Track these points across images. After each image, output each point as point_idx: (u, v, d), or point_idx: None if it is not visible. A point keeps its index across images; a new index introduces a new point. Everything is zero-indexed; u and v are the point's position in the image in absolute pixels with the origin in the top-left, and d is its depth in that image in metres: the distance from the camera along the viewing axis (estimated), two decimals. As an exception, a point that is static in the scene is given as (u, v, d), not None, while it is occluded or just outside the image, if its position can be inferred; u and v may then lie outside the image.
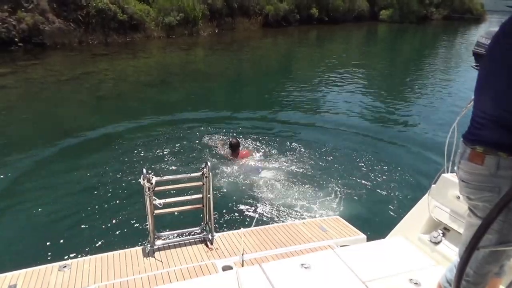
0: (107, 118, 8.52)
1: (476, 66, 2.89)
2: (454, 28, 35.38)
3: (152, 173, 3.23)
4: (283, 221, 4.52)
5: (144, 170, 3.16)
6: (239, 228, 3.75)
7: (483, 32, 2.83)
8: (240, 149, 6.60)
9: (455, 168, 1.94)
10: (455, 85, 13.70)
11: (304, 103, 10.45)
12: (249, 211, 4.99)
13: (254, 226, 3.83)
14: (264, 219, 4.80)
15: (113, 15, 18.65)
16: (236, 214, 4.93)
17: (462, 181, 1.88)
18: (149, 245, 3.39)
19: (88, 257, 3.27)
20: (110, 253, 3.33)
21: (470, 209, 1.91)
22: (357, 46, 24.42)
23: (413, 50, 23.96)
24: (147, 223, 3.40)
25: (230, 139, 6.68)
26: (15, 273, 3.00)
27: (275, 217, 4.85)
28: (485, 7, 48.27)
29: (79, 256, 3.27)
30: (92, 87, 11.38)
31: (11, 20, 15.82)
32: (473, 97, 2.91)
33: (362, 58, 19.59)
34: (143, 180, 3.15)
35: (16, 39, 15.83)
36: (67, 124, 8.12)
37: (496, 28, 2.82)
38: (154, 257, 3.31)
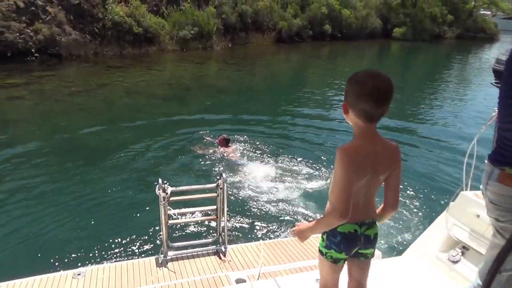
0: (121, 130, 8.60)
1: (496, 83, 2.89)
2: (467, 47, 35.30)
3: (168, 183, 3.24)
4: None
5: (160, 180, 3.18)
6: (253, 241, 3.72)
7: (503, 50, 2.82)
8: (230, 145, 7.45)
9: (482, 188, 1.89)
10: (472, 102, 13.55)
11: (318, 118, 10.44)
12: (262, 224, 4.96)
13: (268, 239, 3.81)
14: (278, 231, 4.77)
15: (128, 28, 18.98)
16: (249, 226, 4.91)
17: (491, 202, 1.81)
18: (162, 255, 3.38)
19: (102, 265, 3.27)
20: (124, 262, 3.33)
21: (497, 231, 1.85)
22: (370, 63, 24.45)
23: (428, 67, 23.91)
24: (161, 233, 3.40)
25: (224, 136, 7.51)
26: (30, 279, 3.02)
27: (287, 230, 4.81)
28: (498, 27, 48.14)
29: (94, 264, 3.27)
30: (106, 99, 11.52)
31: (28, 31, 16.18)
32: (493, 114, 2.90)
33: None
34: (159, 190, 3.16)
35: (33, 50, 16.15)
36: (81, 135, 8.19)
37: (516, 46, 2.81)
38: (167, 268, 3.30)
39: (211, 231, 4.51)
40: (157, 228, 4.56)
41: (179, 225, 4.45)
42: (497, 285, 1.84)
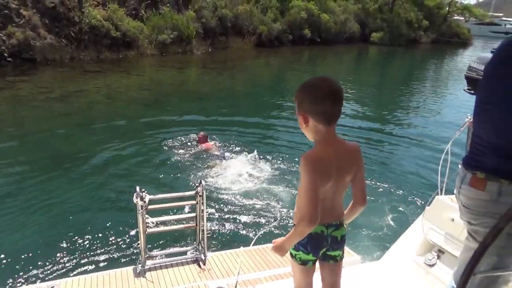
0: (98, 137, 8.42)
1: (468, 89, 2.94)
2: (442, 51, 36.24)
3: (146, 191, 3.19)
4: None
5: (138, 188, 3.12)
6: (233, 248, 3.70)
7: (475, 57, 2.88)
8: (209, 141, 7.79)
9: (455, 192, 1.93)
10: (447, 107, 13.86)
11: (296, 123, 10.50)
12: (243, 230, 4.93)
13: (248, 245, 3.79)
14: (258, 238, 4.74)
15: (106, 32, 18.69)
16: (229, 232, 4.87)
17: (464, 206, 1.86)
18: (140, 265, 3.32)
19: (78, 277, 3.19)
20: (99, 273, 3.25)
21: (469, 233, 1.89)
22: (348, 67, 24.80)
23: (404, 72, 24.43)
24: (139, 242, 3.34)
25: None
26: (2, 293, 2.91)
27: (269, 236, 4.80)
28: (471, 32, 49.69)
29: (69, 276, 3.18)
30: (83, 105, 11.25)
31: (1, 35, 15.72)
32: (466, 119, 2.96)
33: (353, 78, 19.87)
34: (136, 198, 3.10)
35: (5, 54, 15.66)
36: (57, 143, 7.98)
37: (487, 54, 2.89)
38: (145, 278, 3.24)
39: (190, 239, 4.46)
40: (134, 237, 4.49)
41: (157, 233, 4.38)
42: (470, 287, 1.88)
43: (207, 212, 3.47)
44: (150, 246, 4.22)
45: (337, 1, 35.37)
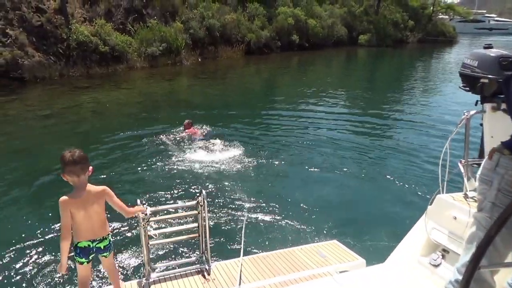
0: (90, 152, 8.29)
1: (463, 86, 2.94)
2: (429, 50, 36.66)
3: (146, 204, 3.18)
4: (280, 247, 4.44)
5: (138, 201, 3.12)
6: (237, 256, 3.66)
7: (469, 54, 2.89)
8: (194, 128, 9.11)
9: None
10: (442, 104, 13.88)
11: (292, 127, 10.52)
12: (245, 238, 4.90)
13: (252, 254, 3.76)
14: (262, 245, 4.71)
15: (94, 47, 18.64)
16: (232, 241, 4.83)
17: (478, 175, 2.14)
18: (144, 279, 3.29)
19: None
20: (104, 289, 3.21)
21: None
22: (338, 70, 24.98)
23: (395, 71, 24.69)
24: (142, 255, 3.30)
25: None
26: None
27: (272, 242, 4.77)
28: (456, 30, 50.46)
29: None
30: (74, 121, 11.14)
31: (-12, 55, 15.58)
32: (463, 116, 2.98)
33: (344, 80, 20.01)
34: (137, 212, 3.08)
35: (-7, 74, 15.51)
36: (48, 160, 7.84)
37: (479, 50, 2.92)
38: (150, 292, 3.20)
39: (194, 249, 4.42)
40: (137, 249, 4.43)
41: (160, 245, 4.34)
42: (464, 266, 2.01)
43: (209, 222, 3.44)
44: (154, 257, 4.18)
45: (323, 6, 35.67)
